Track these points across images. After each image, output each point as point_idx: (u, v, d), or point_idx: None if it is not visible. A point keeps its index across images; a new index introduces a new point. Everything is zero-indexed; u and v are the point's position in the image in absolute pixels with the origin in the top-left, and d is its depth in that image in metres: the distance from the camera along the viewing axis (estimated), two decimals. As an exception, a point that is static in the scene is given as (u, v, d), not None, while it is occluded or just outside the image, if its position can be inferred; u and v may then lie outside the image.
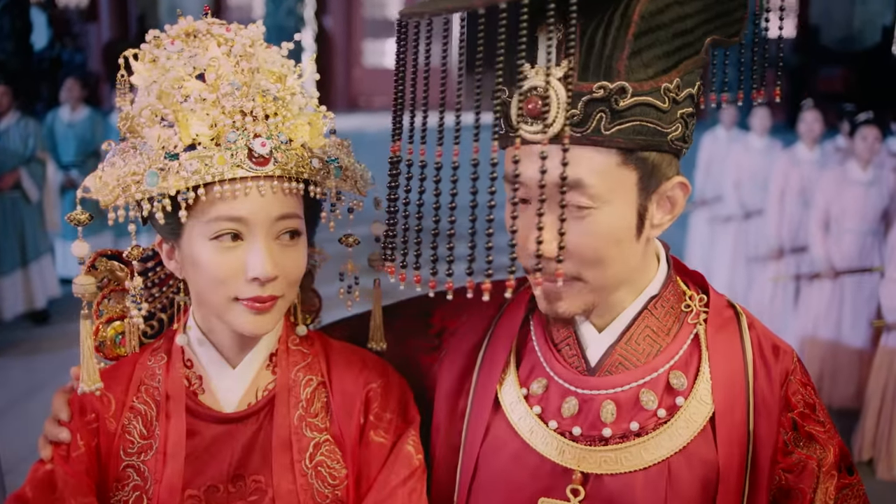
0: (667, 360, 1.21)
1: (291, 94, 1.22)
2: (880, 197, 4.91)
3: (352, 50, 22.25)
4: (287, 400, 1.29)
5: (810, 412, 1.21)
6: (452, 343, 1.37)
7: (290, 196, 1.20)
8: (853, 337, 5.03)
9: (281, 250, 1.20)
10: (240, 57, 1.19)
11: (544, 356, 1.27)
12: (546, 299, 1.18)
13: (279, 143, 1.18)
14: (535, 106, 1.06)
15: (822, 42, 17.77)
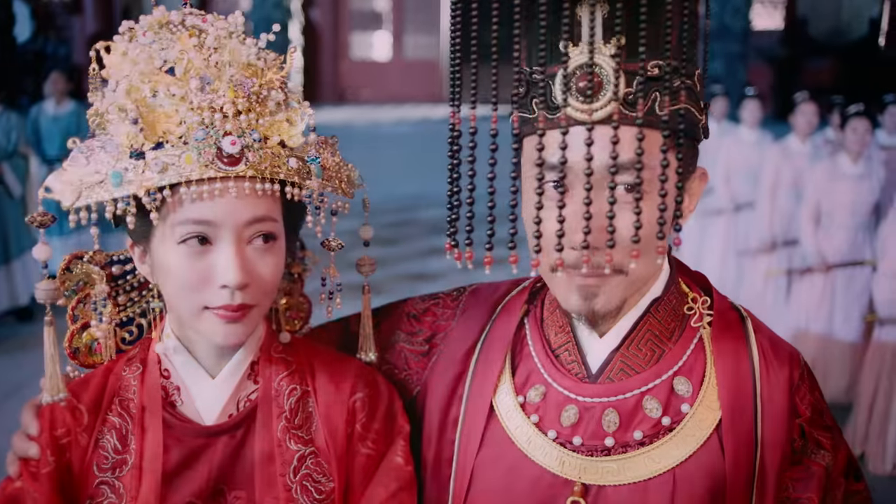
0: (670, 365, 1.16)
1: (269, 89, 1.15)
2: (871, 190, 4.88)
3: (339, 43, 22.14)
4: (270, 411, 1.23)
5: (818, 418, 1.16)
6: (443, 348, 1.31)
7: (264, 198, 1.13)
8: (845, 331, 5.01)
9: (254, 256, 1.14)
10: (212, 49, 1.12)
11: (541, 362, 1.21)
12: (581, 296, 1.10)
13: (251, 142, 1.11)
14: (587, 84, 0.98)
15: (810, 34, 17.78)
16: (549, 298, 1.24)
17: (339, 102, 21.51)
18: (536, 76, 1.05)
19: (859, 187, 4.86)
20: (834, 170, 4.91)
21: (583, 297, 1.10)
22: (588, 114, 0.98)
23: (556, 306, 1.21)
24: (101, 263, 1.22)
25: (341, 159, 1.24)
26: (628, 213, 0.98)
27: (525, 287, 1.32)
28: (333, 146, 1.24)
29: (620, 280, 1.09)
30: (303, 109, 1.16)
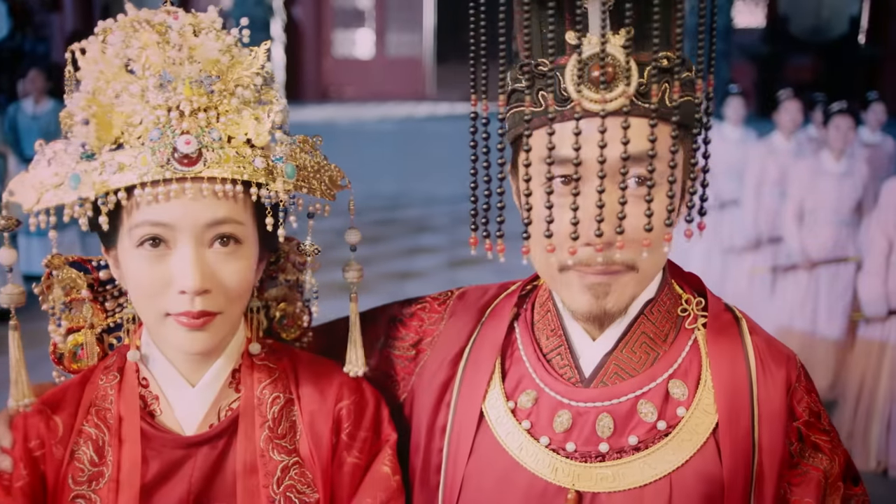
0: (665, 368, 1.13)
1: (237, 86, 1.10)
2: (854, 188, 4.88)
3: (322, 40, 22.05)
4: (252, 420, 1.19)
5: (815, 421, 1.14)
6: (430, 353, 1.27)
7: (225, 199, 1.08)
8: (829, 328, 5.01)
9: (216, 260, 1.09)
10: (172, 46, 1.07)
11: (533, 366, 1.17)
12: (592, 294, 1.06)
13: (210, 141, 1.06)
14: (601, 74, 0.97)
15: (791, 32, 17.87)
16: (539, 301, 1.21)
17: (322, 100, 21.42)
18: (543, 68, 1.02)
19: (843, 185, 4.85)
20: (817, 167, 4.91)
21: (594, 295, 1.06)
22: (602, 104, 0.95)
23: (548, 309, 1.18)
24: (59, 267, 1.18)
25: (323, 159, 1.20)
26: (640, 205, 0.97)
27: (514, 290, 1.28)
28: (312, 146, 1.19)
29: (631, 277, 1.06)
30: (271, 107, 1.11)
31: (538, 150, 0.95)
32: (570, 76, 1.00)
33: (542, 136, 0.99)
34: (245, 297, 1.16)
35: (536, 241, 1.02)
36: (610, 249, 1.00)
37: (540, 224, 0.98)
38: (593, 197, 0.94)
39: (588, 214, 0.96)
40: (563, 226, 0.98)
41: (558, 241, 0.99)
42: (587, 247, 1.00)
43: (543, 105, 1.02)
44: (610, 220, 0.95)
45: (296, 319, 1.35)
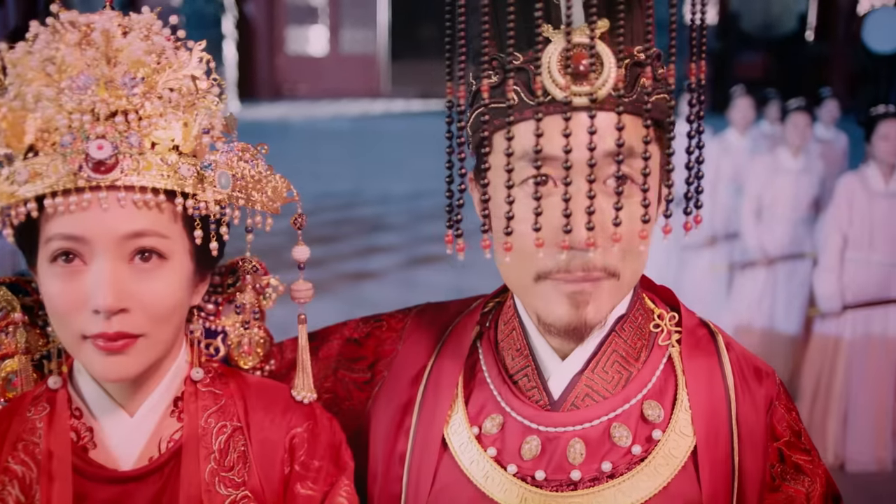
0: (639, 388, 1.06)
1: (165, 88, 1.01)
2: (811, 184, 4.90)
3: (274, 37, 21.81)
4: (196, 452, 1.09)
5: (797, 440, 1.08)
6: (388, 375, 1.19)
7: (147, 210, 0.99)
8: (786, 324, 5.03)
9: (136, 276, 1.00)
10: (93, 47, 0.98)
11: (498, 389, 1.10)
12: (572, 304, 0.99)
13: (128, 147, 0.97)
14: (585, 65, 0.91)
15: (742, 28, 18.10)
16: (503, 318, 1.14)
17: (276, 98, 21.18)
18: (515, 62, 0.95)
19: (800, 181, 4.87)
20: (774, 164, 4.92)
21: (573, 305, 0.99)
22: (587, 98, 0.89)
23: (513, 327, 1.10)
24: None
25: (267, 169, 1.11)
26: (627, 206, 0.92)
27: (476, 307, 1.20)
28: (253, 155, 1.10)
29: (612, 285, 1.00)
30: (200, 113, 1.02)
31: (514, 149, 0.89)
32: (552, 69, 0.93)
33: (519, 133, 0.92)
34: (174, 319, 1.06)
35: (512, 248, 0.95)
36: (595, 254, 0.94)
37: (526, 233, 0.91)
38: (579, 197, 0.88)
39: (575, 216, 0.89)
40: (547, 231, 0.91)
41: (532, 248, 0.91)
42: (570, 251, 0.93)
43: (518, 101, 0.95)
44: (598, 222, 0.89)
45: (255, 347, 1.25)
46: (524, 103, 0.95)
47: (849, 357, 4.40)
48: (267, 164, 1.11)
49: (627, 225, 0.93)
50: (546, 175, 0.95)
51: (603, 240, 0.93)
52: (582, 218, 0.86)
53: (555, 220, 0.91)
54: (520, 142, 0.93)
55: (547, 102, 0.93)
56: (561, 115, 0.86)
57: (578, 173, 0.90)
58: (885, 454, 4.41)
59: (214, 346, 1.23)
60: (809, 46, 18.82)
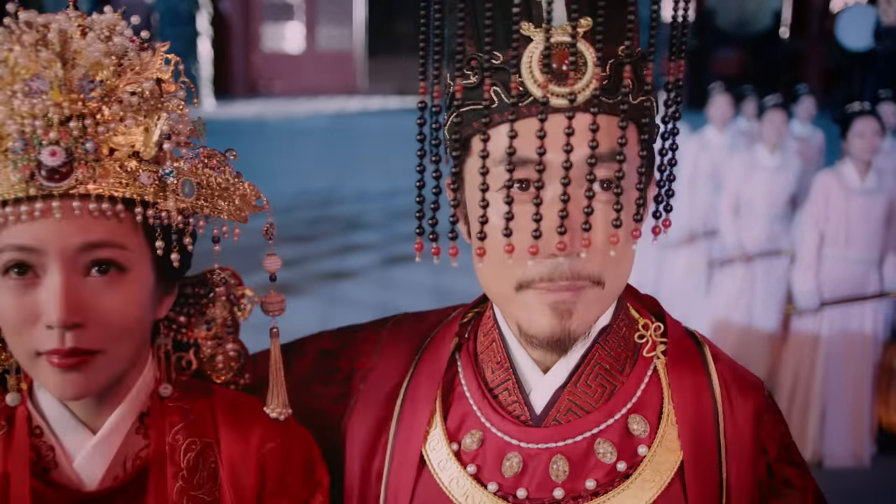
0: (624, 402, 1.02)
1: (127, 92, 0.96)
2: (788, 181, 4.91)
3: (250, 34, 21.65)
4: (164, 470, 1.05)
5: (785, 454, 1.05)
6: (364, 389, 1.14)
7: (104, 219, 0.94)
8: (764, 321, 5.03)
9: (93, 290, 0.95)
10: (47, 47, 0.93)
11: (477, 404, 1.05)
12: (555, 314, 0.94)
13: (83, 153, 0.92)
14: (567, 64, 0.87)
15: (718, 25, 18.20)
16: (483, 330, 1.10)
17: (252, 95, 21.02)
18: (495, 61, 0.91)
19: (777, 178, 4.87)
20: (752, 161, 4.92)
21: (557, 315, 0.94)
22: (567, 99, 0.85)
23: (493, 339, 1.06)
24: None
25: (234, 177, 1.06)
26: (607, 210, 0.89)
27: (455, 317, 1.16)
28: (221, 162, 1.05)
29: (597, 294, 0.95)
30: (162, 114, 0.97)
31: (491, 151, 0.85)
32: (534, 68, 0.89)
33: (497, 136, 0.89)
34: (135, 335, 1.01)
35: (489, 257, 0.92)
36: (576, 262, 0.91)
37: (498, 239, 0.87)
38: (553, 204, 0.85)
39: (551, 222, 0.86)
40: (523, 237, 0.87)
41: (519, 252, 0.88)
42: (551, 258, 0.90)
43: (498, 102, 0.91)
44: (575, 228, 0.87)
45: (229, 361, 1.20)
46: (504, 105, 0.91)
47: (826, 354, 4.41)
48: (235, 170, 1.07)
49: (604, 230, 0.90)
50: (526, 180, 0.92)
51: (580, 245, 0.89)
52: (554, 221, 0.83)
53: (531, 226, 0.88)
54: (497, 144, 0.89)
55: (528, 103, 0.90)
56: (538, 117, 0.82)
57: (556, 177, 0.87)
58: (862, 450, 4.43)
59: (186, 359, 1.18)
60: (784, 43, 18.95)
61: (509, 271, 0.93)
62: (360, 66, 22.14)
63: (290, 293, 7.36)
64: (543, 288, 0.93)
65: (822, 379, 4.43)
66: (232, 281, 1.19)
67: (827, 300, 4.32)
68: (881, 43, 16.90)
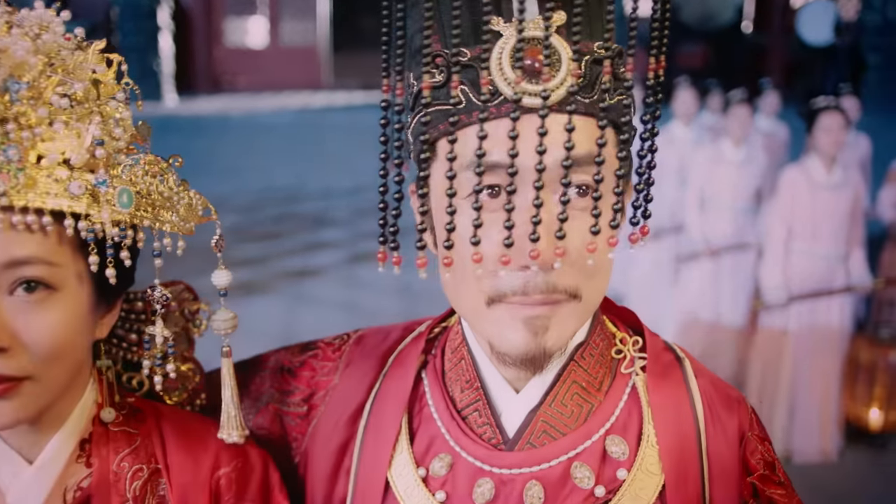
0: (601, 422, 0.96)
1: (57, 95, 0.88)
2: (753, 175, 4.91)
3: (212, 28, 21.34)
4: (108, 500, 0.97)
5: (770, 473, 0.99)
6: (325, 410, 1.07)
7: (30, 234, 0.86)
8: (732, 316, 5.03)
9: (18, 310, 0.88)
10: None
11: (446, 426, 0.99)
12: (529, 330, 0.88)
13: (6, 162, 0.84)
14: (540, 61, 0.80)
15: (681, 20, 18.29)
16: (450, 346, 1.03)
17: (215, 91, 20.74)
18: (462, 59, 0.84)
19: (743, 172, 4.86)
20: (717, 155, 4.91)
21: (531, 331, 0.88)
22: (541, 97, 0.77)
23: (461, 356, 1.00)
24: None
25: (180, 185, 0.98)
26: (583, 218, 0.83)
27: (421, 333, 1.09)
28: (164, 169, 0.97)
29: (574, 308, 0.89)
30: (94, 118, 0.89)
31: (458, 154, 0.78)
32: (504, 65, 0.83)
33: (465, 138, 0.83)
34: (68, 358, 0.93)
35: (457, 268, 0.86)
36: (551, 274, 0.84)
37: (465, 248, 0.82)
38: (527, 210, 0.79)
39: (523, 229, 0.80)
40: (492, 248, 0.82)
41: (483, 266, 0.81)
42: (524, 270, 0.84)
43: (465, 102, 0.85)
44: (549, 237, 0.80)
45: (182, 380, 1.12)
46: (472, 104, 0.85)
47: (794, 349, 4.41)
48: (181, 178, 0.99)
49: (581, 238, 0.84)
50: (496, 185, 0.85)
51: (554, 254, 0.82)
52: (527, 228, 0.77)
53: (502, 234, 0.82)
54: (466, 147, 0.83)
55: (497, 103, 0.83)
56: (509, 116, 0.76)
57: (529, 182, 0.81)
58: (830, 445, 4.44)
59: (138, 379, 1.10)
60: (747, 38, 19.10)
61: (479, 285, 0.87)
62: (325, 61, 21.94)
63: (256, 292, 7.26)
64: (516, 302, 0.86)
65: (791, 374, 4.43)
66: (186, 296, 1.11)
67: (794, 295, 4.32)
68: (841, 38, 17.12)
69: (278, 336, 5.98)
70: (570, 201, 0.77)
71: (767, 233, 4.42)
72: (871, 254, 4.58)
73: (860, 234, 4.39)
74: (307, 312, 6.46)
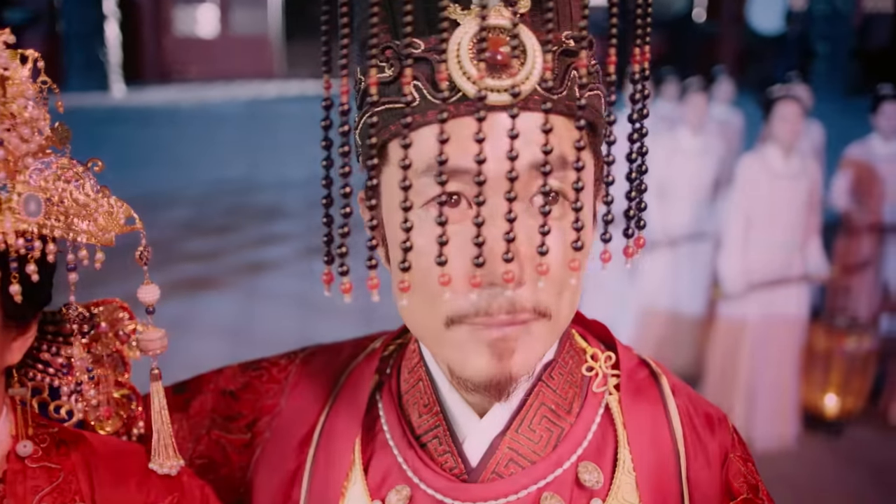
0: (573, 448, 0.87)
1: None
2: (710, 164, 4.89)
3: (161, 17, 20.91)
4: None
5: (754, 496, 0.92)
6: (270, 437, 0.98)
7: None
8: (691, 306, 5.02)
9: None
10: None
11: (403, 454, 0.90)
12: (494, 354, 0.78)
13: None
14: (504, 53, 0.71)
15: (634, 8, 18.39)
16: (407, 366, 0.93)
17: (164, 81, 20.32)
18: (415, 49, 0.75)
19: (700, 161, 4.85)
20: (674, 144, 4.88)
21: (496, 355, 0.78)
22: (510, 94, 0.69)
23: (419, 377, 0.91)
24: None
25: (97, 192, 0.88)
26: (559, 229, 0.75)
27: (374, 350, 0.99)
28: (80, 174, 0.87)
29: (544, 327, 0.79)
30: None
31: (414, 160, 0.69)
32: (463, 57, 0.73)
33: (420, 140, 0.74)
34: None
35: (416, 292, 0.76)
36: (521, 291, 0.75)
37: (431, 269, 0.72)
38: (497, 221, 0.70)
39: (490, 244, 0.71)
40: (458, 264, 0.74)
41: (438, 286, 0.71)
42: (491, 287, 0.74)
43: (419, 99, 0.75)
44: (524, 253, 0.73)
45: (118, 407, 1.01)
46: (427, 102, 0.75)
47: (753, 337, 4.41)
48: (99, 184, 0.88)
49: (559, 253, 0.76)
50: (456, 194, 0.76)
51: (529, 273, 0.74)
52: (500, 247, 0.68)
53: (467, 250, 0.73)
54: (421, 151, 0.74)
55: (456, 100, 0.74)
56: (473, 115, 0.67)
57: (496, 190, 0.72)
58: (789, 433, 4.46)
59: (67, 408, 1.00)
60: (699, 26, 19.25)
61: (437, 305, 0.77)
62: (277, 49, 21.61)
63: (208, 287, 7.10)
64: (480, 323, 0.77)
65: (749, 362, 4.43)
66: (120, 315, 1.01)
67: (753, 284, 4.31)
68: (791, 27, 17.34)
69: (232, 333, 5.84)
70: (550, 212, 0.68)
71: (726, 222, 4.40)
72: (825, 242, 4.59)
73: (817, 222, 4.41)
74: (262, 308, 6.33)
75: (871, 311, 4.97)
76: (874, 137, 4.92)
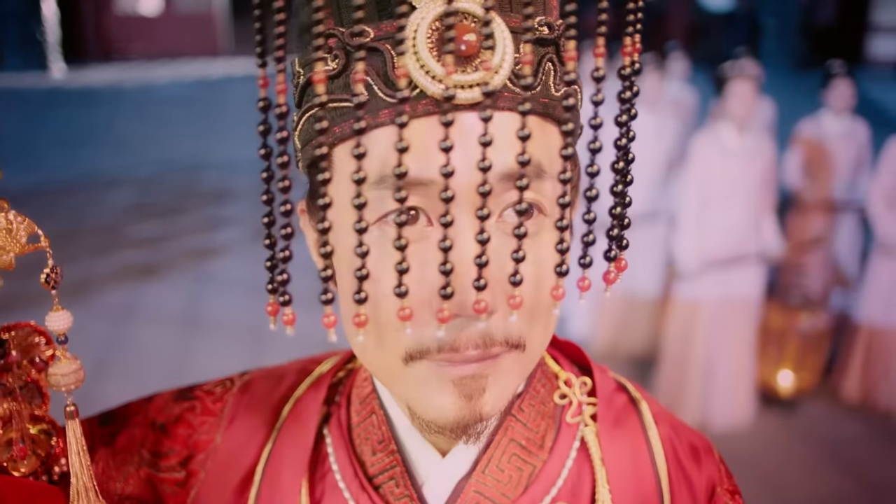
0: (546, 488, 0.78)
1: None
2: (666, 143, 4.85)
3: (101, -6, 20.27)
4: None
5: None
6: (206, 476, 0.86)
7: None
8: (647, 287, 5.00)
9: None
10: None
11: (355, 496, 0.79)
12: (461, 394, 0.67)
13: None
14: (471, 42, 0.61)
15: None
16: (358, 396, 0.82)
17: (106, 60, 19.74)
18: (364, 38, 0.63)
19: (655, 139, 4.80)
20: (630, 123, 4.83)
21: (464, 395, 0.67)
22: (481, 91, 0.58)
23: (372, 409, 0.80)
24: None
25: None
26: (534, 248, 0.66)
27: (322, 377, 0.88)
28: None
29: (515, 360, 0.69)
30: None
31: (367, 171, 0.58)
32: (420, 48, 0.61)
33: (374, 146, 0.63)
34: None
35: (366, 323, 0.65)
36: (493, 321, 0.65)
37: (388, 299, 0.62)
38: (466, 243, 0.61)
39: (459, 271, 0.60)
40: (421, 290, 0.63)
41: (407, 315, 0.60)
42: (456, 318, 0.63)
43: (370, 97, 0.63)
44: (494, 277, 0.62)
45: (34, 445, 0.89)
46: (378, 101, 0.63)
47: (709, 318, 4.39)
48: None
49: (534, 280, 0.66)
50: (415, 209, 0.65)
51: (501, 299, 0.64)
52: (469, 273, 0.59)
53: (428, 277, 0.63)
54: (375, 160, 0.63)
55: (414, 98, 0.62)
56: (436, 116, 0.58)
57: (461, 205, 0.62)
58: (745, 412, 4.47)
59: None
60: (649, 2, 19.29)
61: (394, 338, 0.66)
62: (223, 27, 21.12)
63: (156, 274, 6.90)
64: (444, 359, 0.66)
65: (705, 343, 4.41)
66: (35, 340, 0.88)
67: (708, 263, 4.28)
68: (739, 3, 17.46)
69: (181, 320, 5.67)
70: (526, 234, 0.58)
71: (681, 201, 4.35)
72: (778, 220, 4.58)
73: (772, 200, 4.38)
74: (211, 294, 6.16)
75: (823, 289, 5.00)
76: (825, 114, 4.92)
